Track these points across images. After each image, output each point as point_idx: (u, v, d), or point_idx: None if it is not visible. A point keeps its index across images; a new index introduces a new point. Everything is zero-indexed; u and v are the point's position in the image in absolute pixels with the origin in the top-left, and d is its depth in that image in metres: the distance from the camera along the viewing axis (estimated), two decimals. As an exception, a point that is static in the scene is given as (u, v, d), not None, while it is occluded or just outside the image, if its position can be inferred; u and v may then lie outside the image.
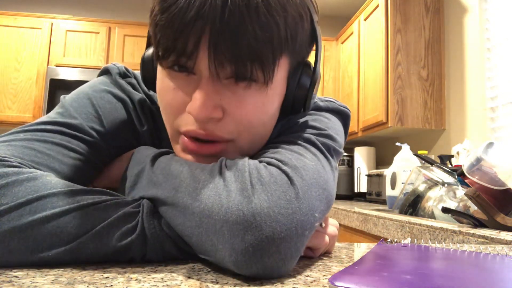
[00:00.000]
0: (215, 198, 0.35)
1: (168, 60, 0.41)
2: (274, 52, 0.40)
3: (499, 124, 1.77)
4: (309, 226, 0.36)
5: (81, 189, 0.39)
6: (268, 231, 0.33)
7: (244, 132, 0.43)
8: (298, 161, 0.40)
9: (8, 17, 2.94)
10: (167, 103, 0.43)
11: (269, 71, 0.40)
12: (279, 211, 0.34)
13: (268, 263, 0.33)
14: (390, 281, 0.31)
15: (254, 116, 0.42)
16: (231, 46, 0.38)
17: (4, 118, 2.84)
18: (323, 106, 0.54)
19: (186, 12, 0.38)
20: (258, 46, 0.38)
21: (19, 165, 0.39)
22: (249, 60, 0.39)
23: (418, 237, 1.00)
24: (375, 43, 2.32)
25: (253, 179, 0.36)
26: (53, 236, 0.35)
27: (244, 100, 0.41)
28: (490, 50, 1.87)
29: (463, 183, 1.13)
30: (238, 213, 0.34)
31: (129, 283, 0.31)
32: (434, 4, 2.21)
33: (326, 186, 0.40)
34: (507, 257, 0.46)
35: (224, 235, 0.34)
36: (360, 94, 2.55)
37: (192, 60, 0.40)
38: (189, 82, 0.41)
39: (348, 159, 2.83)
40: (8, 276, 0.32)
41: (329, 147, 0.47)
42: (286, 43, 0.41)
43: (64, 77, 2.84)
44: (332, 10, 3.46)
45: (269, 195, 0.35)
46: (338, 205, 1.91)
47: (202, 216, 0.35)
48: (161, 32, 0.40)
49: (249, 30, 0.37)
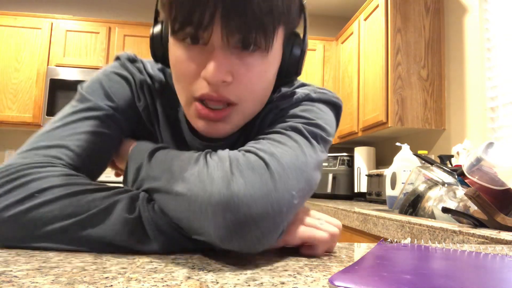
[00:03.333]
0: (201, 185, 0.40)
1: (185, 32, 0.46)
2: (274, 22, 0.46)
3: (499, 124, 1.77)
4: (287, 203, 0.41)
5: (89, 181, 0.47)
6: (245, 209, 0.38)
7: (248, 96, 0.50)
8: (277, 148, 0.45)
9: (8, 17, 2.94)
10: (182, 73, 0.49)
11: (270, 39, 0.47)
12: (255, 191, 0.39)
13: (248, 238, 0.39)
14: (390, 281, 0.31)
15: (258, 80, 0.50)
16: (240, 17, 0.44)
17: (4, 118, 2.84)
18: (315, 97, 0.58)
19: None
20: (262, 16, 0.44)
21: (55, 165, 0.49)
22: (254, 29, 0.45)
23: (418, 237, 1.00)
24: (375, 43, 2.32)
25: (232, 167, 0.41)
26: (69, 208, 0.43)
27: (250, 66, 0.48)
28: (490, 50, 1.87)
29: (463, 183, 1.13)
30: (219, 196, 0.38)
31: (129, 283, 0.31)
32: (434, 4, 2.21)
33: (305, 168, 0.45)
34: (507, 257, 0.46)
35: (208, 215, 0.39)
36: (360, 94, 2.55)
37: (208, 31, 0.46)
38: (202, 52, 0.47)
39: (348, 159, 2.83)
40: (8, 276, 0.32)
41: (316, 135, 0.51)
42: (283, 14, 0.47)
43: (64, 77, 2.84)
44: (332, 10, 3.46)
45: (246, 180, 0.40)
46: (338, 205, 1.91)
47: (190, 200, 0.41)
48: (177, 7, 0.45)
49: (254, 2, 0.43)
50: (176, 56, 0.49)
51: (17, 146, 3.20)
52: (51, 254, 0.41)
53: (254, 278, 0.34)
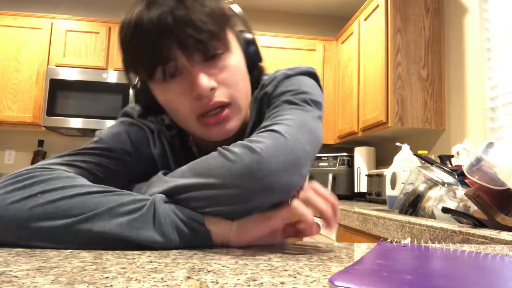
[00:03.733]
0: (229, 161, 0.48)
1: (157, 74, 0.55)
2: (221, 28, 0.55)
3: (499, 124, 1.77)
4: (300, 150, 0.52)
5: (100, 185, 0.50)
6: (273, 159, 0.48)
7: (235, 91, 0.58)
8: (280, 118, 0.56)
9: (8, 17, 2.94)
10: (177, 105, 0.57)
11: (225, 41, 0.57)
12: (273, 146, 0.50)
13: (283, 183, 0.49)
14: (390, 281, 0.31)
15: (235, 75, 0.58)
16: (195, 38, 0.52)
17: (4, 118, 2.84)
18: (292, 73, 0.67)
19: (147, 35, 0.52)
20: (209, 28, 0.53)
21: (61, 171, 0.52)
22: (210, 41, 0.54)
23: (418, 237, 1.00)
24: (375, 43, 2.32)
25: (251, 143, 0.50)
26: (78, 207, 0.46)
27: (223, 67, 0.57)
28: (490, 50, 1.87)
29: (463, 183, 1.13)
30: (251, 161, 0.48)
31: (129, 283, 0.31)
32: (434, 4, 2.21)
33: (304, 123, 0.56)
34: (507, 257, 0.46)
35: (247, 181, 0.47)
36: (360, 94, 2.54)
37: (174, 63, 0.54)
38: (181, 80, 0.55)
39: (348, 159, 2.83)
40: (8, 276, 0.32)
41: (305, 99, 0.61)
42: (224, 21, 0.57)
43: (64, 77, 2.84)
44: (332, 10, 3.47)
45: (263, 143, 0.50)
46: (338, 205, 1.90)
47: (234, 177, 0.48)
48: (139, 58, 0.55)
49: (198, 22, 0.52)
50: (165, 96, 0.57)
51: (17, 146, 3.20)
52: (51, 254, 0.41)
53: (254, 278, 0.34)
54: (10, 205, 0.45)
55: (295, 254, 0.46)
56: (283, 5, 3.44)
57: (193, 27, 0.52)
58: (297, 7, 3.46)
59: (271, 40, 3.10)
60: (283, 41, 3.11)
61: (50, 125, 2.80)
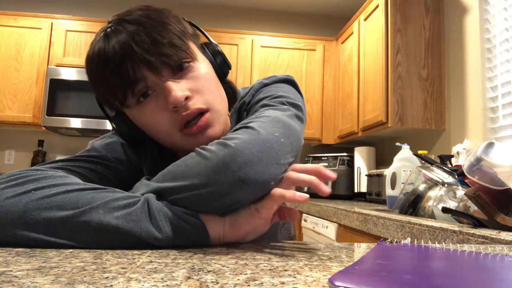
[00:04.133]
0: (208, 161, 0.48)
1: (131, 97, 0.57)
2: (183, 41, 0.58)
3: (499, 124, 1.77)
4: (275, 141, 0.52)
5: (96, 185, 0.51)
6: (247, 152, 0.48)
7: (210, 97, 0.59)
8: (255, 117, 0.56)
9: (8, 17, 2.94)
10: (158, 126, 0.59)
11: (190, 52, 0.59)
12: (247, 140, 0.50)
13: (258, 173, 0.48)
14: (390, 281, 0.31)
15: (207, 81, 0.60)
16: (159, 53, 0.55)
17: (4, 118, 2.84)
18: (268, 81, 0.69)
19: (111, 63, 0.55)
20: (174, 41, 0.56)
21: (55, 171, 0.53)
22: (175, 55, 0.56)
23: (418, 237, 1.00)
24: (375, 43, 2.32)
25: (226, 140, 0.50)
26: (72, 203, 0.46)
27: (194, 76, 0.59)
28: (490, 50, 1.87)
29: (463, 183, 1.13)
30: (224, 156, 0.48)
31: (129, 283, 0.31)
32: (434, 4, 2.21)
33: (278, 118, 0.56)
34: (507, 257, 0.46)
35: (222, 174, 0.47)
36: (360, 94, 2.54)
37: (143, 82, 0.56)
38: (155, 98, 0.57)
39: (348, 159, 2.83)
40: (8, 276, 0.32)
41: (282, 101, 0.62)
42: (184, 33, 0.59)
43: (64, 77, 2.84)
44: (332, 10, 3.47)
45: (238, 138, 0.50)
46: (338, 205, 1.91)
47: (208, 175, 0.48)
48: (106, 90, 0.57)
49: (159, 38, 0.55)
50: (143, 118, 0.59)
51: (17, 146, 3.20)
52: (51, 254, 0.41)
53: (254, 278, 0.34)
54: (4, 201, 0.46)
55: (295, 254, 0.46)
56: (283, 5, 3.44)
57: (154, 44, 0.54)
58: (297, 7, 3.46)
59: (271, 40, 3.10)
60: (283, 41, 3.11)
61: (50, 125, 2.80)
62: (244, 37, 3.09)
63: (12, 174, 0.50)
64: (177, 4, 3.44)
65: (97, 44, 0.58)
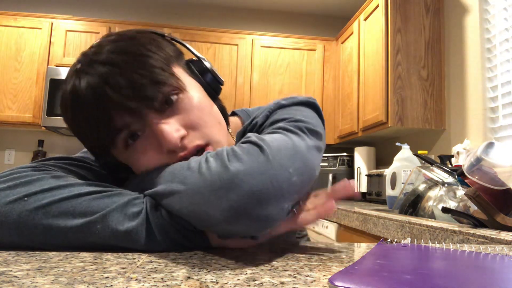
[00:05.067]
0: (201, 177, 0.42)
1: (114, 145, 0.51)
2: (165, 71, 0.50)
3: (499, 124, 1.77)
4: (286, 180, 0.42)
5: (92, 182, 0.48)
6: (246, 187, 0.39)
7: (207, 129, 0.52)
8: (267, 137, 0.46)
9: (8, 17, 2.94)
10: (150, 165, 0.51)
11: (175, 82, 0.51)
12: (253, 170, 0.41)
13: (254, 216, 0.40)
14: (390, 281, 0.31)
15: (200, 112, 0.53)
16: (142, 101, 0.48)
17: (4, 118, 2.84)
18: (286, 103, 0.60)
19: (89, 110, 0.48)
20: (157, 79, 0.48)
21: (48, 170, 0.50)
22: (160, 93, 0.49)
23: (418, 237, 1.00)
24: (375, 43, 2.32)
25: (229, 155, 0.43)
26: (68, 213, 0.43)
27: (185, 110, 0.51)
28: (490, 50, 1.87)
29: (463, 183, 1.13)
30: (220, 180, 0.40)
31: (129, 283, 0.31)
32: (434, 4, 2.21)
33: (296, 149, 0.46)
34: (507, 257, 0.46)
35: (212, 202, 0.40)
36: (360, 94, 2.54)
37: (124, 131, 0.49)
38: (145, 139, 0.50)
39: (348, 159, 2.83)
40: (8, 276, 0.32)
41: (300, 127, 0.52)
42: (166, 61, 0.51)
43: (64, 77, 2.83)
44: (332, 10, 3.46)
45: (243, 162, 0.41)
46: (338, 205, 1.91)
47: (193, 194, 0.42)
48: (85, 135, 0.52)
49: (137, 79, 0.47)
50: (133, 158, 0.52)
51: (17, 146, 3.20)
52: (51, 254, 0.41)
53: (254, 278, 0.34)
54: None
55: (295, 254, 0.46)
56: (283, 5, 3.44)
57: (133, 87, 0.47)
58: (297, 7, 3.46)
59: (271, 40, 3.10)
60: (283, 41, 3.11)
61: (50, 125, 2.80)
62: (244, 37, 3.09)
63: (4, 175, 0.47)
64: (177, 4, 3.43)
65: (69, 82, 0.51)
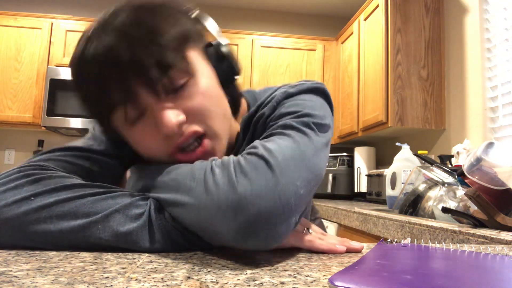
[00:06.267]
0: (207, 192, 0.41)
1: (114, 120, 0.50)
2: (174, 55, 0.47)
3: (499, 124, 1.77)
4: (293, 195, 0.42)
5: (96, 184, 0.48)
6: (254, 208, 0.39)
7: (208, 119, 0.51)
8: (273, 145, 0.45)
9: (8, 17, 2.94)
10: (148, 147, 0.51)
11: (186, 67, 0.49)
12: (261, 189, 0.40)
13: (262, 235, 0.40)
14: (390, 281, 0.31)
15: (205, 100, 0.51)
16: (142, 80, 0.46)
17: (4, 118, 2.84)
18: (294, 91, 0.58)
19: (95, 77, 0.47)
20: (160, 61, 0.46)
21: (54, 170, 0.50)
22: (164, 75, 0.47)
23: (418, 237, 1.00)
24: (375, 43, 2.32)
25: (236, 171, 0.42)
26: (71, 213, 0.44)
27: (189, 96, 0.49)
28: (490, 50, 1.87)
29: (463, 183, 1.13)
30: (227, 200, 0.40)
31: (129, 283, 0.31)
32: (434, 4, 2.21)
33: (303, 156, 0.46)
34: (507, 257, 0.46)
35: (220, 221, 0.40)
36: (360, 94, 2.54)
37: (120, 109, 0.48)
38: (146, 122, 0.49)
39: (348, 159, 2.83)
40: (8, 276, 0.32)
41: (307, 123, 0.51)
42: (179, 42, 0.49)
43: (64, 77, 2.84)
44: (332, 10, 3.46)
45: (250, 180, 0.41)
46: (338, 205, 1.91)
47: (199, 209, 0.42)
48: (97, 105, 0.50)
49: (146, 58, 0.45)
50: (131, 138, 0.52)
51: (17, 146, 3.20)
52: (51, 254, 0.41)
53: (254, 278, 0.34)
54: (2, 208, 0.44)
55: (295, 254, 0.46)
56: (283, 5, 3.44)
57: (135, 67, 0.45)
58: (297, 7, 3.46)
59: (271, 40, 3.10)
60: (283, 41, 3.11)
61: (50, 125, 2.80)
62: (244, 37, 3.09)
63: (11, 173, 0.48)
64: (177, 4, 3.43)
65: (81, 44, 0.49)
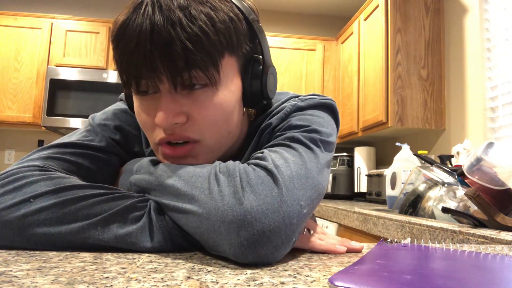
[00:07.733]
0: (212, 202, 0.41)
1: (131, 85, 0.48)
2: (211, 56, 0.45)
3: (499, 124, 1.77)
4: (297, 215, 0.41)
5: (96, 185, 0.47)
6: (258, 226, 0.39)
7: (208, 132, 0.50)
8: (280, 160, 0.45)
9: (8, 17, 2.94)
10: (142, 123, 0.51)
11: (212, 74, 0.47)
12: (267, 207, 0.40)
13: (262, 252, 0.39)
14: (390, 281, 0.31)
15: (214, 115, 0.49)
16: (165, 62, 0.44)
17: (4, 118, 2.84)
18: (304, 105, 0.57)
19: (127, 46, 0.45)
20: (191, 56, 0.44)
21: (54, 171, 0.50)
22: (187, 69, 0.45)
23: (418, 237, 1.00)
24: (375, 43, 2.32)
25: (243, 182, 0.41)
26: (70, 216, 0.43)
27: (202, 103, 0.48)
28: (490, 50, 1.87)
29: (463, 183, 1.13)
30: (232, 214, 0.39)
31: (129, 283, 0.31)
32: (434, 4, 2.21)
33: (309, 175, 0.45)
34: (507, 257, 0.46)
35: (222, 233, 0.40)
36: (360, 94, 2.54)
37: (141, 83, 0.47)
38: (153, 100, 0.48)
39: (348, 159, 2.83)
40: (8, 276, 0.32)
41: (314, 140, 0.51)
42: (222, 46, 0.46)
43: (64, 77, 2.84)
44: (332, 10, 3.46)
45: (257, 195, 0.40)
46: (338, 205, 1.91)
47: (201, 218, 0.41)
48: (119, 63, 0.48)
49: (177, 44, 0.43)
50: (136, 108, 0.52)
51: (17, 146, 3.20)
52: (51, 254, 0.41)
53: (254, 278, 0.34)
54: (1, 211, 0.44)
55: (295, 254, 0.46)
56: (283, 5, 3.44)
57: (165, 55, 0.44)
58: (297, 7, 3.46)
59: (271, 40, 3.10)
60: (283, 41, 3.11)
61: (50, 125, 2.80)
62: (244, 37, 3.09)
63: (10, 174, 0.47)
64: (177, 4, 3.43)
65: (129, 11, 0.46)
